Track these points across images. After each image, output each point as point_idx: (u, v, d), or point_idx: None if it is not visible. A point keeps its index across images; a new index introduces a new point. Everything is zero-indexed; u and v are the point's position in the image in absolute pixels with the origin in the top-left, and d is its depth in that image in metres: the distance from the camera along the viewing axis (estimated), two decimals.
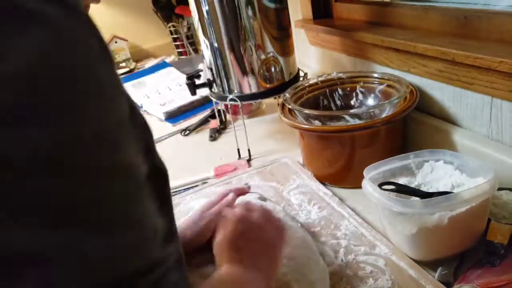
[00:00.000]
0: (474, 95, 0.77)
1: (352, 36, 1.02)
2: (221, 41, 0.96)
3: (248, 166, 1.01)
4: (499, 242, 0.59)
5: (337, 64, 1.21)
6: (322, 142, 0.85)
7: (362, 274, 0.61)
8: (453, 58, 0.74)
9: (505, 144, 0.73)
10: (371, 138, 0.81)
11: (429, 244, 0.61)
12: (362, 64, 1.08)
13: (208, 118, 1.30)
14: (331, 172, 0.86)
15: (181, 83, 1.61)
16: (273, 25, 0.98)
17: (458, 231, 0.60)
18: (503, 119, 0.72)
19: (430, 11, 0.88)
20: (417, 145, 0.87)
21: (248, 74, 0.99)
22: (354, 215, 0.74)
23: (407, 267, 0.61)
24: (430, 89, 0.87)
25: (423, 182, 0.69)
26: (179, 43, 2.02)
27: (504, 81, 0.68)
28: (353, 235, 0.69)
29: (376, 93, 0.95)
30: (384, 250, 0.65)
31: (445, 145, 0.80)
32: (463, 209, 0.57)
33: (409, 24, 0.94)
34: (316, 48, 1.31)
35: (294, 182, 0.88)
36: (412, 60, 0.88)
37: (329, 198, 0.80)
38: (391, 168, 0.71)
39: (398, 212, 0.60)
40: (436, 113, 0.87)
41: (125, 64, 2.04)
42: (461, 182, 0.66)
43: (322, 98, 1.00)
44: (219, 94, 1.06)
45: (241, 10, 0.92)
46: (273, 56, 1.00)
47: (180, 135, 1.26)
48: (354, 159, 0.82)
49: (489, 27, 0.75)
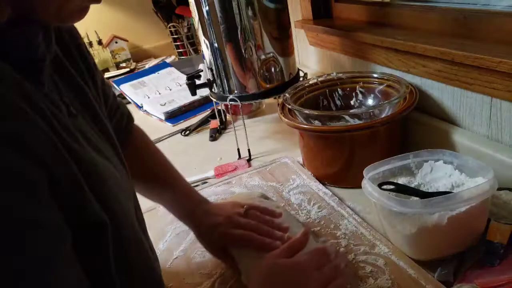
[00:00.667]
0: (473, 95, 0.77)
1: (352, 36, 1.03)
2: (221, 41, 0.96)
3: (248, 166, 1.01)
4: (498, 242, 0.59)
5: (336, 64, 1.22)
6: (322, 142, 0.85)
7: (362, 274, 0.61)
8: (452, 58, 0.74)
9: (504, 144, 0.74)
10: (371, 138, 0.81)
11: (429, 244, 0.61)
12: (361, 64, 1.08)
13: (208, 118, 1.30)
14: (330, 172, 0.86)
15: (181, 83, 1.61)
16: (273, 26, 0.98)
17: (458, 231, 0.60)
18: (503, 119, 0.72)
19: (429, 11, 0.88)
20: (417, 145, 0.87)
21: (248, 74, 0.99)
22: (354, 214, 0.74)
23: (407, 267, 0.61)
24: (429, 89, 0.87)
25: (423, 182, 0.69)
26: (179, 43, 2.02)
27: (504, 81, 0.68)
28: (353, 235, 0.69)
29: (376, 93, 0.95)
30: (384, 249, 0.65)
31: (444, 145, 0.81)
32: (463, 209, 0.58)
33: (408, 24, 0.94)
34: (315, 48, 1.31)
35: (294, 182, 0.88)
36: (411, 60, 0.88)
37: (329, 198, 0.80)
38: (391, 168, 0.71)
39: (397, 212, 0.60)
40: (436, 113, 0.87)
41: (125, 64, 2.04)
42: (460, 182, 0.66)
43: (322, 98, 1.00)
44: (219, 94, 1.06)
45: (241, 11, 0.92)
46: (273, 56, 1.00)
47: (180, 135, 1.26)
48: (353, 159, 0.82)
49: (488, 27, 0.75)
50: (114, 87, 1.68)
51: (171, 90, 1.58)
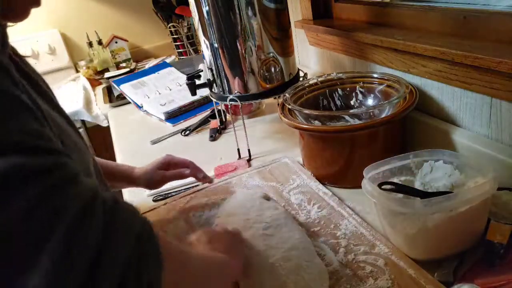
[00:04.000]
0: (473, 95, 0.77)
1: (352, 36, 1.03)
2: (221, 41, 0.96)
3: (248, 166, 1.01)
4: (498, 242, 0.59)
5: (336, 64, 1.22)
6: (322, 142, 0.85)
7: (362, 274, 0.61)
8: (452, 58, 0.74)
9: (504, 143, 0.74)
10: (371, 138, 0.81)
11: (429, 244, 0.61)
12: (361, 64, 1.08)
13: (208, 118, 1.30)
14: (330, 172, 0.86)
15: (181, 83, 1.61)
16: (273, 26, 0.98)
17: (458, 231, 0.60)
18: (503, 119, 0.72)
19: (429, 12, 0.88)
20: (417, 145, 0.87)
21: (248, 74, 0.99)
22: (354, 214, 0.74)
23: (407, 267, 0.61)
24: (429, 89, 0.87)
25: (423, 182, 0.69)
26: (179, 44, 2.02)
27: (504, 81, 0.68)
28: (353, 235, 0.69)
29: (376, 93, 0.95)
30: (384, 249, 0.65)
31: (444, 145, 0.81)
32: (463, 209, 0.58)
33: (408, 24, 0.94)
34: (315, 48, 1.31)
35: (294, 182, 0.88)
36: (411, 60, 0.88)
37: (329, 198, 0.80)
38: (391, 168, 0.71)
39: (397, 212, 0.60)
40: (436, 113, 0.87)
41: (125, 64, 2.04)
42: (460, 182, 0.66)
43: (322, 98, 1.01)
44: (219, 94, 1.06)
45: (241, 11, 0.92)
46: (273, 56, 1.00)
47: (180, 135, 1.26)
48: (353, 159, 0.82)
49: (488, 27, 0.75)
50: (114, 87, 1.68)
51: (171, 90, 1.58)
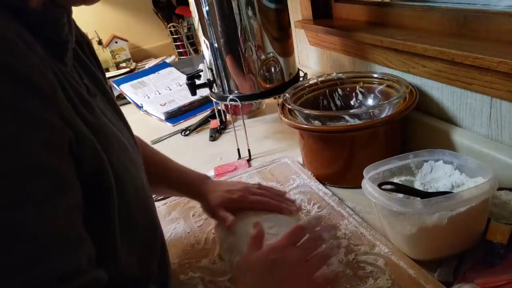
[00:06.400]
0: (473, 95, 0.77)
1: (352, 36, 1.03)
2: (221, 41, 0.96)
3: (248, 166, 1.01)
4: (498, 242, 0.59)
5: (336, 64, 1.22)
6: (322, 142, 0.85)
7: (362, 274, 0.61)
8: (452, 58, 0.74)
9: (504, 143, 0.74)
10: (371, 138, 0.81)
11: (429, 244, 0.61)
12: (361, 64, 1.08)
13: (208, 118, 1.30)
14: (331, 172, 0.86)
15: (181, 83, 1.61)
16: (273, 26, 0.98)
17: (458, 231, 0.60)
18: (503, 119, 0.72)
19: (429, 12, 0.88)
20: (417, 145, 0.87)
21: (248, 74, 0.99)
22: (354, 214, 0.74)
23: (407, 267, 0.61)
24: (429, 89, 0.87)
25: (423, 182, 0.69)
26: (180, 44, 2.02)
27: (504, 81, 0.68)
28: (353, 235, 0.69)
29: (376, 93, 0.95)
30: (384, 249, 0.65)
31: (444, 145, 0.81)
32: (463, 209, 0.58)
33: (408, 24, 0.94)
34: (315, 48, 1.31)
35: (294, 182, 0.88)
36: (411, 60, 0.88)
37: (329, 198, 0.80)
38: (391, 168, 0.71)
39: (397, 212, 0.60)
40: (436, 113, 0.87)
41: (125, 64, 2.04)
42: (460, 182, 0.66)
43: (322, 98, 1.00)
44: (219, 94, 1.06)
45: (241, 11, 0.92)
46: (273, 56, 1.00)
47: (181, 135, 1.26)
48: (353, 159, 0.82)
49: (488, 27, 0.75)
50: (114, 87, 1.68)
51: (171, 90, 1.58)
